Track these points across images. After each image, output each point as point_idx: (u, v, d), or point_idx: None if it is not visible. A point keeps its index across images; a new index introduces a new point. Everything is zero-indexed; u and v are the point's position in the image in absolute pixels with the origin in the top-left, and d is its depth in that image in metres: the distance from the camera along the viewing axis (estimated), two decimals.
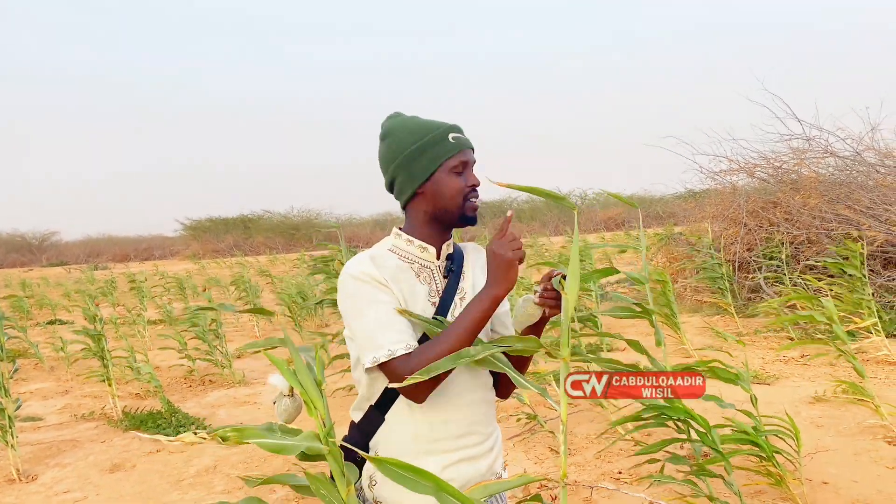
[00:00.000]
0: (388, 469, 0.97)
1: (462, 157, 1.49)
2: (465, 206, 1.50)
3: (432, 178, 1.48)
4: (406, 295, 1.46)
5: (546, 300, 1.40)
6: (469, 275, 1.58)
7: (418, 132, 1.50)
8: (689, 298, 9.44)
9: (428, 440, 1.46)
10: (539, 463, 3.97)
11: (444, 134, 1.49)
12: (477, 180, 1.52)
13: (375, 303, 1.41)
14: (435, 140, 1.48)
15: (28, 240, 47.02)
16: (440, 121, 1.54)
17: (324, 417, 1.03)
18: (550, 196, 1.26)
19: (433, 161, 1.48)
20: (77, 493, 4.05)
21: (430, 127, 1.50)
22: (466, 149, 1.51)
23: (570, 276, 1.20)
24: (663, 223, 14.79)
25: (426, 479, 0.96)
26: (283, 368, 1.04)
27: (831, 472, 3.44)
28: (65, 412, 6.08)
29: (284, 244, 36.70)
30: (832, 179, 8.88)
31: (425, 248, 1.53)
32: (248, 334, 10.08)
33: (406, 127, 1.52)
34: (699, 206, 11.45)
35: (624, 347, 6.52)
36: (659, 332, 2.66)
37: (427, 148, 1.48)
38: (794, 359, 6.00)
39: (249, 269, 17.90)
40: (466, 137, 1.53)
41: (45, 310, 14.60)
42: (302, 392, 1.03)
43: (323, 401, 1.04)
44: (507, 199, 41.57)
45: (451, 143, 1.48)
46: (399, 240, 1.54)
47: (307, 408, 1.04)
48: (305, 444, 0.98)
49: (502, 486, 1.23)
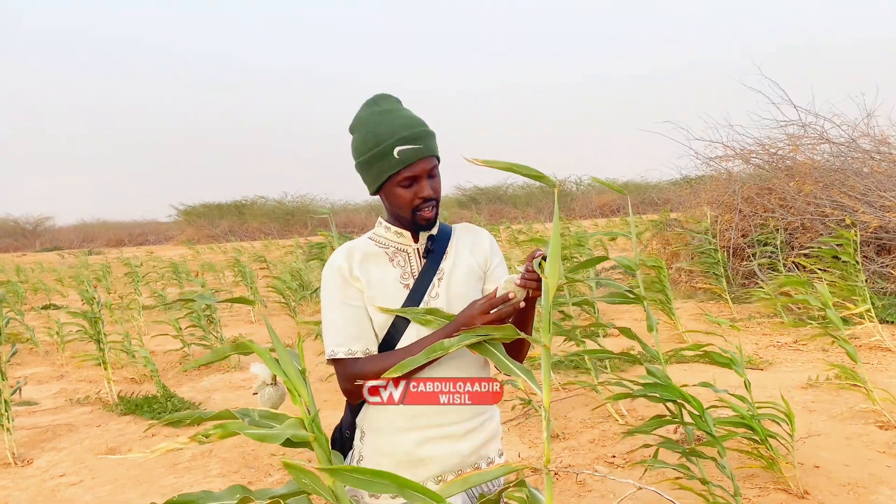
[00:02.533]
0: (346, 477, 0.91)
1: (409, 171, 1.45)
2: (416, 215, 1.50)
3: (382, 188, 1.51)
4: (372, 281, 1.50)
5: (527, 282, 1.35)
6: (451, 254, 1.57)
7: (369, 141, 1.47)
8: (683, 284, 9.46)
9: (406, 416, 1.49)
10: (534, 447, 3.99)
11: (391, 148, 1.44)
12: (428, 192, 1.48)
13: (335, 304, 1.50)
14: (381, 154, 1.46)
15: (22, 225, 46.81)
16: (400, 123, 1.47)
17: (308, 405, 1.00)
18: (529, 173, 1.17)
19: (379, 175, 1.49)
20: (73, 476, 4.06)
21: (379, 137, 1.46)
22: (415, 161, 1.45)
23: (551, 258, 1.12)
24: (658, 209, 14.78)
25: (385, 479, 0.90)
26: (266, 357, 1.03)
27: (823, 456, 3.46)
28: (60, 396, 6.08)
29: (279, 230, 36.67)
30: (827, 166, 8.89)
31: (401, 233, 1.56)
32: (244, 319, 10.08)
33: (364, 129, 1.50)
34: (694, 193, 11.45)
35: (618, 334, 6.53)
36: (651, 317, 2.66)
37: (374, 161, 1.47)
38: (787, 344, 6.03)
39: (244, 254, 17.87)
40: (420, 146, 1.46)
41: (39, 294, 14.56)
42: (285, 380, 1.01)
43: (307, 388, 1.02)
44: (503, 185, 41.59)
45: (396, 160, 1.44)
46: (379, 227, 1.60)
47: (291, 396, 1.02)
48: (290, 432, 0.95)
49: (482, 477, 1.10)
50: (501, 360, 1.29)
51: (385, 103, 1.53)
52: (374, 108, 1.53)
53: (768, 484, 3.18)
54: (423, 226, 1.52)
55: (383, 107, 1.52)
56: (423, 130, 1.49)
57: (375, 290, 1.50)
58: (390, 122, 1.47)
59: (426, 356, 1.21)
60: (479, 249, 1.61)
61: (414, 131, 1.47)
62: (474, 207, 35.92)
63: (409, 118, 1.50)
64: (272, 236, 33.75)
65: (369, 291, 1.50)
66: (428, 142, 1.48)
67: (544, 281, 1.16)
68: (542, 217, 32.77)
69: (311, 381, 5.92)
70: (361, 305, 1.50)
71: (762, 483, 3.20)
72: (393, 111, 1.50)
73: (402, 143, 1.45)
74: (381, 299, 1.49)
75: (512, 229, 19.44)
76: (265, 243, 27.62)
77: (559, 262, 1.14)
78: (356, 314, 1.50)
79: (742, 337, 6.27)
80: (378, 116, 1.50)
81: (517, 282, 1.37)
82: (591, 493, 3.31)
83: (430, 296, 1.51)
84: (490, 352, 1.31)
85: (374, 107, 1.53)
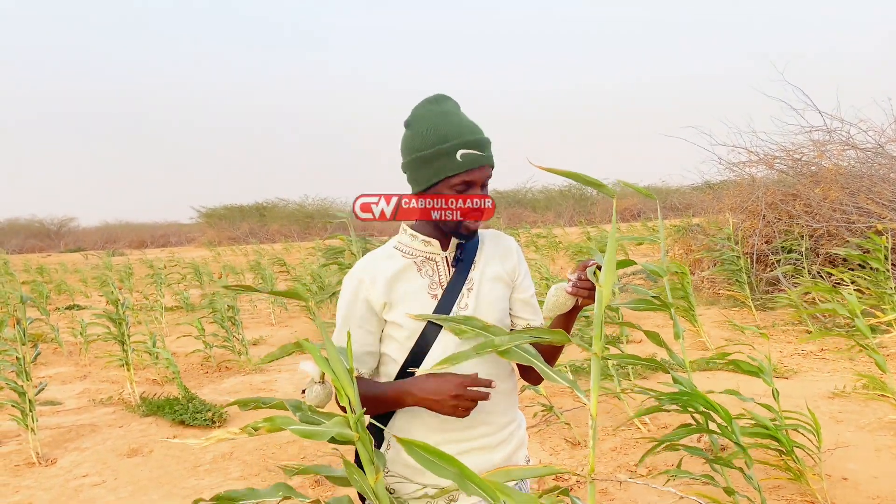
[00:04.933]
0: (415, 452, 0.98)
1: (467, 176, 1.43)
2: (461, 226, 1.46)
3: (433, 188, 1.46)
4: (399, 295, 1.48)
5: (579, 290, 1.37)
6: (480, 263, 1.54)
7: (430, 139, 1.44)
8: (705, 291, 9.37)
9: (438, 430, 1.46)
10: (554, 454, 3.96)
11: (454, 149, 1.42)
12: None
13: (347, 321, 1.50)
14: (442, 153, 1.42)
15: (46, 226, 47.44)
16: (464, 126, 1.45)
17: (354, 404, 1.03)
18: (590, 182, 1.20)
19: (436, 174, 1.44)
20: (95, 477, 4.09)
21: (442, 136, 1.43)
22: (475, 168, 1.43)
23: (606, 268, 1.16)
24: (680, 214, 14.66)
25: (449, 464, 0.97)
26: (317, 355, 1.06)
27: (851, 468, 3.40)
28: (83, 397, 6.14)
29: (299, 232, 36.84)
30: (853, 172, 8.76)
31: (429, 242, 1.52)
32: (264, 321, 10.14)
33: (424, 126, 1.46)
34: (717, 198, 11.34)
35: (641, 339, 6.48)
36: (677, 324, 2.62)
37: (432, 160, 1.43)
38: (812, 353, 5.94)
39: (264, 257, 17.97)
40: (482, 153, 1.44)
41: (63, 295, 14.75)
42: (334, 379, 1.05)
43: (354, 388, 1.05)
44: (522, 189, 41.46)
45: (458, 162, 1.42)
46: (404, 235, 1.55)
47: (338, 394, 1.06)
48: (336, 430, 1.01)
49: (525, 472, 1.21)
50: (542, 368, 1.29)
51: (446, 104, 1.50)
52: (434, 106, 1.50)
53: (795, 496, 3.13)
54: (463, 235, 1.48)
55: (444, 107, 1.49)
56: (486, 139, 1.47)
57: (402, 305, 1.47)
58: (455, 124, 1.45)
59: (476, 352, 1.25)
60: (508, 259, 1.58)
61: (478, 137, 1.45)
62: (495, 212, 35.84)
63: (472, 124, 1.48)
64: (292, 239, 33.90)
65: (391, 313, 1.48)
66: (488, 151, 1.47)
67: (598, 289, 1.18)
68: (560, 221, 32.60)
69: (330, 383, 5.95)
70: (372, 331, 1.50)
71: (789, 495, 3.14)
72: (455, 114, 1.48)
73: (466, 146, 1.42)
74: (410, 311, 1.46)
75: (531, 233, 19.38)
76: (285, 245, 27.77)
77: (615, 272, 1.17)
78: (365, 339, 1.50)
79: (767, 345, 6.18)
80: (440, 116, 1.47)
81: (568, 290, 1.38)
82: (613, 501, 3.27)
83: (458, 306, 1.48)
84: (528, 360, 1.30)
85: (436, 106, 1.50)
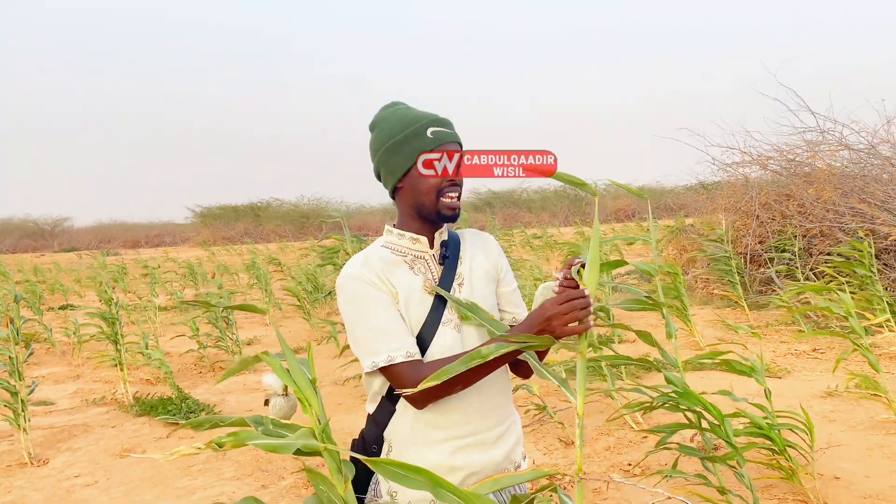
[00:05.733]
0: (384, 469, 0.96)
1: (440, 152, 1.46)
2: (440, 203, 1.48)
3: (409, 172, 1.48)
4: (400, 289, 1.47)
5: (565, 289, 1.35)
6: (466, 259, 1.57)
7: (399, 125, 1.48)
8: (699, 290, 9.39)
9: (437, 426, 1.46)
10: (548, 454, 3.96)
11: (424, 128, 1.46)
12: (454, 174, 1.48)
13: (372, 307, 1.44)
14: (413, 134, 1.46)
15: (40, 225, 47.23)
16: (427, 113, 1.50)
17: (319, 415, 1.01)
18: (572, 181, 1.20)
19: (410, 156, 1.46)
20: (88, 477, 4.07)
21: (411, 120, 1.48)
22: (446, 143, 1.47)
23: (589, 266, 1.16)
24: (674, 215, 14.70)
25: (421, 476, 0.94)
26: (277, 367, 1.04)
27: (843, 467, 3.41)
28: (76, 397, 6.12)
29: (294, 232, 36.76)
30: (846, 172, 8.79)
31: (417, 240, 1.54)
32: (258, 321, 10.11)
33: (391, 118, 1.51)
34: (711, 198, 11.37)
35: (634, 338, 6.49)
36: (670, 324, 2.63)
37: (405, 142, 1.46)
38: (805, 352, 5.96)
39: (259, 257, 17.95)
40: (452, 131, 1.49)
41: (56, 294, 14.69)
42: (296, 390, 1.02)
43: (317, 398, 1.02)
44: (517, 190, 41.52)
45: (429, 139, 1.46)
46: (391, 235, 1.56)
47: (302, 405, 1.02)
48: (301, 442, 0.97)
49: (514, 479, 1.18)
50: (538, 367, 1.30)
51: (402, 104, 1.58)
52: (392, 106, 1.57)
53: (787, 495, 3.14)
54: (447, 217, 1.49)
55: (403, 105, 1.57)
56: (451, 121, 1.53)
57: (405, 299, 1.47)
58: (418, 111, 1.52)
59: (463, 364, 1.17)
60: (489, 252, 1.63)
61: (443, 118, 1.51)
62: (489, 211, 35.84)
63: (432, 112, 1.54)
64: (287, 238, 33.84)
65: (402, 296, 1.47)
66: (454, 130, 1.52)
67: (582, 288, 1.18)
68: (556, 221, 32.63)
69: (327, 384, 5.94)
70: (397, 311, 1.46)
71: (781, 494, 3.15)
72: (414, 108, 1.55)
73: (435, 124, 1.48)
74: (409, 307, 1.47)
75: (526, 233, 19.39)
76: (280, 245, 27.72)
77: (598, 270, 1.17)
78: (398, 317, 1.45)
79: (760, 344, 6.20)
80: (403, 110, 1.53)
81: (555, 289, 1.37)
82: (606, 500, 3.28)
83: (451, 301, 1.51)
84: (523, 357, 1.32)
85: (393, 106, 1.57)
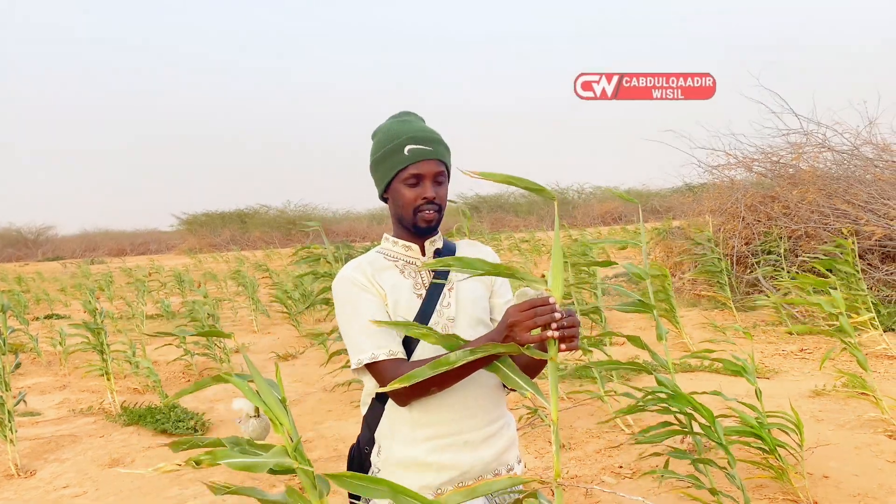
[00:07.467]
0: (344, 482, 0.98)
1: (415, 169, 1.51)
2: (417, 217, 1.53)
3: (390, 187, 1.56)
4: (388, 290, 1.52)
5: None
6: None
7: (384, 139, 1.55)
8: (686, 292, 9.45)
9: (421, 425, 1.49)
10: (540, 457, 3.97)
11: (402, 145, 1.51)
12: (431, 193, 1.52)
13: (360, 308, 1.50)
14: (392, 150, 1.53)
15: (24, 234, 46.74)
16: (416, 129, 1.54)
17: (290, 433, 1.02)
18: (528, 186, 1.16)
19: (388, 171, 1.54)
20: (76, 488, 4.03)
21: (393, 135, 1.54)
22: (423, 160, 1.51)
23: (553, 272, 1.13)
24: (661, 217, 14.78)
25: (380, 485, 0.97)
26: (246, 390, 1.05)
27: (832, 466, 3.44)
28: (63, 407, 6.06)
29: (281, 239, 36.62)
30: (830, 174, 8.89)
31: (409, 247, 1.60)
32: (246, 328, 10.07)
33: (382, 132, 1.58)
34: (697, 201, 11.45)
35: (623, 341, 6.51)
36: (661, 326, 2.65)
37: (386, 157, 1.54)
38: (792, 353, 6.01)
39: (245, 264, 17.88)
40: (429, 148, 1.52)
41: (41, 304, 14.56)
42: (266, 410, 1.03)
43: (288, 417, 1.04)
44: (504, 194, 41.57)
45: (405, 156, 1.51)
46: (387, 242, 1.63)
47: (273, 425, 1.04)
48: (274, 461, 0.98)
49: (490, 487, 1.12)
50: (508, 374, 1.27)
51: (407, 116, 1.62)
52: (396, 118, 1.62)
53: (777, 494, 3.16)
54: (423, 229, 1.54)
55: (405, 118, 1.61)
56: (436, 137, 1.56)
57: (393, 298, 1.53)
58: (407, 127, 1.55)
59: (431, 370, 1.15)
60: None
61: (426, 135, 1.54)
62: (476, 216, 35.89)
63: (424, 127, 1.58)
64: (274, 245, 33.71)
65: (391, 297, 1.52)
66: (438, 147, 1.54)
67: (546, 295, 1.17)
68: (543, 225, 32.72)
69: (316, 391, 5.92)
70: (386, 313, 1.52)
71: (771, 494, 3.17)
72: (412, 121, 1.58)
73: (412, 142, 1.52)
74: (398, 308, 1.52)
75: (514, 238, 19.43)
76: (267, 252, 27.63)
77: (562, 276, 1.16)
78: (385, 318, 1.51)
79: (748, 345, 6.24)
80: (398, 124, 1.58)
81: (530, 294, 1.36)
82: (598, 503, 3.28)
83: (442, 305, 1.54)
84: (495, 366, 1.28)
85: (397, 117, 1.63)
